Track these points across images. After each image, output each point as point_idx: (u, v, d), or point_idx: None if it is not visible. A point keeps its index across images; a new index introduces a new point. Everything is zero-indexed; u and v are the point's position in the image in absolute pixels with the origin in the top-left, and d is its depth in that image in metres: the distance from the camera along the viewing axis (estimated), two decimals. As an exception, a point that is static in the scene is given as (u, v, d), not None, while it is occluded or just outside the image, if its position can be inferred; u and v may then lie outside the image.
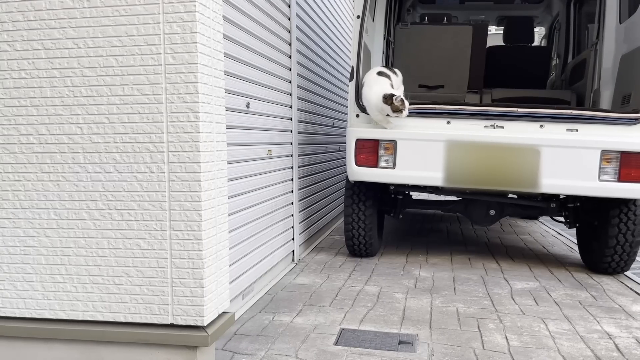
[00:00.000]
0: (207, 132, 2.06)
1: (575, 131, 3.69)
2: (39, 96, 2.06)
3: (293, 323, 2.97)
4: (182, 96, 1.99)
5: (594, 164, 3.63)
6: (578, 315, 3.15)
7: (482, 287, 3.74)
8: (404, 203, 4.72)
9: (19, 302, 2.15)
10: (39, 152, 2.09)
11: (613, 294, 3.62)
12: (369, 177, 3.98)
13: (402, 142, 3.86)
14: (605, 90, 4.36)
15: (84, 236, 2.09)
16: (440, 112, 3.88)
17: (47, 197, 2.10)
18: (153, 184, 2.03)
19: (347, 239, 4.46)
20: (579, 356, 2.56)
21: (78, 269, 2.10)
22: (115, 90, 2.02)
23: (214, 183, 2.12)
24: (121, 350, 2.12)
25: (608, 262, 3.99)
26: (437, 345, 2.68)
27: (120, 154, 2.05)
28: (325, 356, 2.52)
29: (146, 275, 2.07)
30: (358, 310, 3.19)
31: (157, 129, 2.01)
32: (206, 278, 2.05)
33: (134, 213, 2.06)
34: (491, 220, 4.46)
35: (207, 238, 2.06)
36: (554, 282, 3.88)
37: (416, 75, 5.09)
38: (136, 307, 2.08)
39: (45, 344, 2.16)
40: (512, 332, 2.87)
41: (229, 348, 2.61)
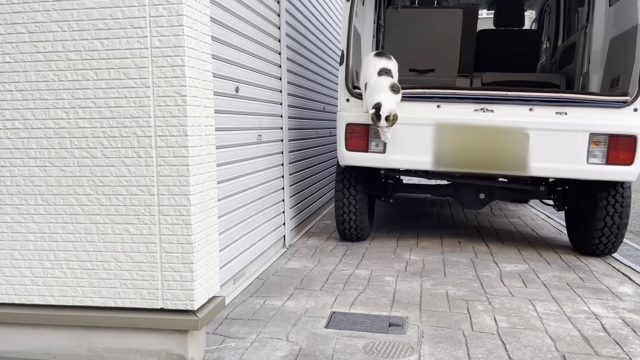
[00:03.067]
0: (195, 117, 2.04)
1: (564, 114, 3.70)
2: (24, 80, 2.04)
3: (284, 307, 2.98)
4: (169, 80, 1.97)
5: (583, 146, 3.65)
6: (566, 297, 3.19)
7: (472, 270, 3.77)
8: (395, 187, 4.73)
9: (7, 288, 2.14)
10: (25, 137, 2.07)
11: (600, 275, 3.67)
12: (359, 162, 3.98)
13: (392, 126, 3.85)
14: (594, 74, 4.37)
15: (72, 222, 2.08)
16: (430, 96, 3.87)
17: (34, 182, 2.08)
18: (141, 168, 2.02)
19: (338, 224, 4.47)
20: (566, 336, 2.59)
21: (67, 255, 2.10)
22: (101, 74, 2.00)
23: (202, 167, 2.11)
24: (111, 335, 2.13)
25: (596, 244, 4.04)
26: (427, 327, 2.70)
27: (108, 139, 2.03)
28: (316, 339, 2.54)
29: (135, 260, 2.07)
30: (349, 294, 3.21)
31: (144, 113, 2.00)
32: (196, 262, 2.05)
33: (122, 198, 2.05)
34: (481, 204, 4.48)
35: (196, 223, 2.05)
36: (542, 265, 3.92)
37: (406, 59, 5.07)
38: (126, 292, 2.08)
39: (35, 330, 2.15)
40: (501, 313, 2.90)
41: (220, 332, 2.62)
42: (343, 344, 2.49)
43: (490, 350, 2.42)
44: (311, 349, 2.43)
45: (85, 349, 2.14)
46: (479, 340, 2.53)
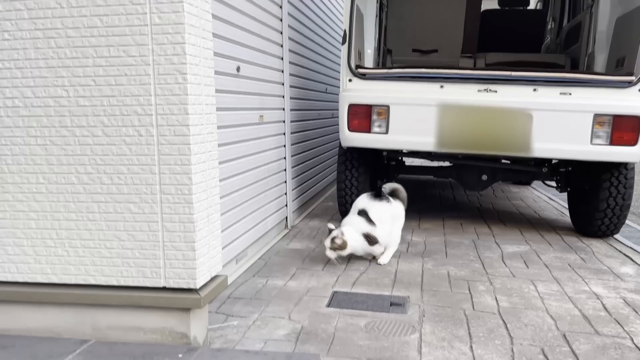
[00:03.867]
0: (196, 95, 2.03)
1: (568, 95, 3.67)
2: (23, 58, 2.02)
3: (286, 286, 2.99)
4: (169, 57, 1.95)
5: (587, 127, 3.62)
6: (567, 277, 3.20)
7: (474, 250, 3.78)
8: (397, 169, 4.72)
9: (10, 266, 2.15)
10: (25, 116, 2.06)
11: (602, 256, 3.67)
12: (361, 143, 3.96)
13: (395, 107, 3.83)
14: (599, 54, 4.32)
15: (74, 200, 2.08)
16: (434, 76, 3.84)
17: (35, 161, 2.07)
18: (142, 147, 2.01)
19: (340, 205, 4.47)
20: (567, 315, 2.60)
21: (69, 233, 2.10)
22: (100, 52, 1.98)
23: (204, 147, 2.10)
24: (114, 313, 2.14)
25: (598, 225, 4.03)
26: (428, 306, 2.71)
27: (108, 117, 2.02)
28: (318, 317, 2.56)
29: (137, 239, 2.07)
30: (350, 274, 3.22)
31: (144, 91, 1.98)
32: (198, 241, 2.05)
33: (123, 177, 2.04)
34: (483, 186, 4.47)
35: (197, 202, 2.05)
36: (544, 246, 3.93)
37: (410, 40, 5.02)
38: (128, 270, 2.09)
39: (39, 308, 2.17)
40: (502, 293, 2.91)
41: (223, 311, 2.64)
42: (345, 322, 2.50)
43: (491, 330, 2.43)
44: (313, 327, 2.45)
45: (89, 326, 2.16)
46: (480, 320, 2.54)
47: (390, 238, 3.45)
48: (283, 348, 2.23)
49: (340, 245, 3.21)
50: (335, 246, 3.22)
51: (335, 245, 3.21)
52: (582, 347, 2.26)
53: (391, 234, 3.46)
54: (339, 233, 3.21)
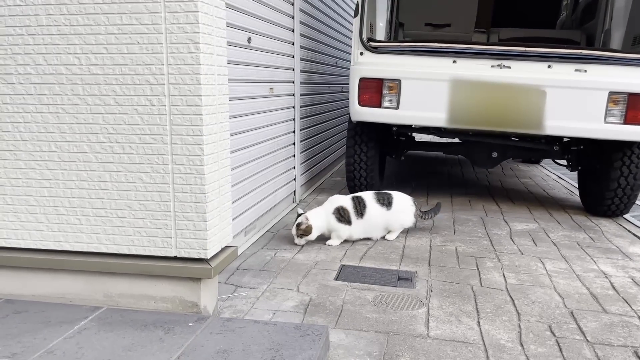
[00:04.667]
0: (209, 65, 2.00)
1: (583, 72, 3.61)
2: (35, 24, 2.00)
3: (294, 259, 3.01)
4: (182, 26, 1.93)
5: (601, 105, 3.57)
6: (575, 255, 3.20)
7: (482, 227, 3.78)
8: (407, 145, 4.69)
9: (23, 233, 2.17)
10: (37, 83, 2.05)
11: (611, 235, 3.66)
12: (372, 118, 3.94)
13: (406, 82, 3.79)
14: (616, 31, 4.24)
15: (86, 169, 2.08)
16: (447, 50, 3.79)
17: (47, 129, 2.07)
18: (154, 117, 2.01)
19: (348, 180, 4.47)
20: (575, 293, 2.61)
21: (81, 202, 2.11)
22: (113, 19, 1.96)
23: (215, 117, 2.09)
24: (125, 282, 2.16)
25: (608, 204, 4.02)
26: (436, 281, 2.73)
27: (120, 86, 2.00)
28: (326, 290, 2.58)
29: (149, 209, 2.08)
30: (358, 248, 3.23)
31: (157, 60, 1.96)
32: (209, 212, 2.05)
33: (135, 146, 2.04)
34: (493, 163, 4.45)
35: (209, 173, 2.05)
36: (553, 224, 3.92)
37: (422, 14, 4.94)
38: (140, 239, 2.10)
39: (51, 274, 2.19)
40: (510, 270, 2.92)
41: (232, 282, 2.66)
42: (352, 295, 2.52)
43: (498, 306, 2.44)
44: (321, 299, 2.47)
45: (101, 294, 2.19)
46: (488, 296, 2.55)
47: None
48: (291, 319, 2.26)
49: (304, 230, 3.17)
50: (301, 232, 3.18)
51: (301, 231, 3.18)
52: (590, 324, 2.27)
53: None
54: (304, 218, 3.18)
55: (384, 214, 3.34)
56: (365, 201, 3.32)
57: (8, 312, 2.10)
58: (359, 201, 3.31)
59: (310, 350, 1.84)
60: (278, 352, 1.82)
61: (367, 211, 3.29)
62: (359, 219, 3.27)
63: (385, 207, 3.34)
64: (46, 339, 1.89)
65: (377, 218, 3.33)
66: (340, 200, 3.29)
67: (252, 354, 1.81)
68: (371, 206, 3.31)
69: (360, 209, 3.28)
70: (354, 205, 3.28)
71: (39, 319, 2.05)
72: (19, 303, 2.18)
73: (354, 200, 3.31)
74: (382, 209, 3.33)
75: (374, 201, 3.33)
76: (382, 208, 3.33)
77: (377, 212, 3.32)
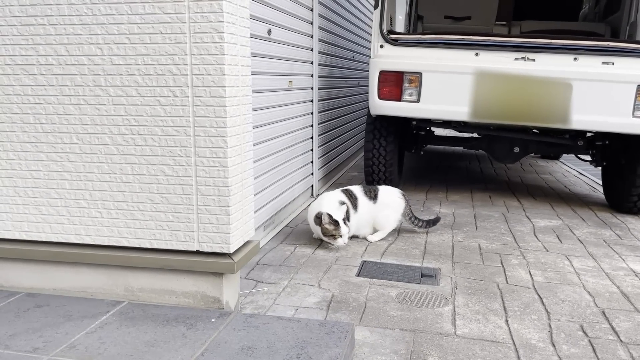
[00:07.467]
0: (232, 55, 1.96)
1: (611, 64, 3.51)
2: (56, 14, 1.96)
3: (315, 254, 2.97)
4: (206, 15, 1.88)
5: (629, 99, 3.48)
6: (603, 253, 3.11)
7: (504, 224, 3.70)
8: (426, 139, 4.62)
9: (44, 226, 2.14)
10: (59, 74, 2.01)
11: (638, 233, 3.56)
12: (391, 111, 3.87)
13: (427, 75, 3.72)
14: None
15: (107, 161, 2.05)
16: (469, 42, 3.71)
17: (68, 120, 2.04)
18: (177, 108, 1.96)
19: (366, 175, 4.41)
20: (605, 292, 2.53)
21: (102, 195, 2.08)
22: (135, 9, 1.92)
23: (239, 109, 2.04)
24: (147, 276, 2.13)
25: (634, 201, 3.92)
26: (460, 279, 2.67)
27: (142, 77, 1.96)
28: (348, 286, 2.53)
29: (171, 202, 2.04)
30: (379, 244, 3.17)
31: (180, 50, 1.92)
32: (232, 206, 2.01)
33: (157, 139, 2.00)
34: (514, 158, 4.36)
35: (232, 165, 2.00)
36: (577, 221, 3.83)
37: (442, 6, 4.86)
38: (161, 233, 2.07)
39: (72, 268, 2.17)
40: (536, 267, 2.85)
41: (252, 277, 2.62)
42: (375, 292, 2.47)
43: (526, 304, 2.37)
44: (344, 296, 2.42)
45: (122, 288, 2.16)
46: (515, 294, 2.49)
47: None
48: (314, 316, 2.21)
49: (335, 226, 2.97)
50: (327, 230, 2.98)
51: (326, 229, 2.97)
52: (623, 324, 2.20)
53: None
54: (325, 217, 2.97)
55: (370, 208, 3.21)
56: (356, 194, 3.21)
57: (29, 306, 2.08)
58: (350, 194, 3.20)
59: (337, 348, 1.79)
60: (303, 350, 1.78)
61: (359, 205, 3.19)
62: (355, 213, 3.16)
63: (372, 201, 3.22)
64: (68, 334, 1.86)
65: (366, 214, 3.20)
66: (336, 195, 3.17)
67: (277, 351, 1.77)
68: (361, 200, 3.20)
69: (354, 202, 3.18)
70: (347, 198, 3.16)
71: (60, 313, 2.02)
72: (40, 297, 2.16)
73: (345, 193, 3.20)
74: (369, 202, 3.22)
75: (363, 194, 3.23)
76: (369, 202, 3.22)
77: (366, 206, 3.20)
